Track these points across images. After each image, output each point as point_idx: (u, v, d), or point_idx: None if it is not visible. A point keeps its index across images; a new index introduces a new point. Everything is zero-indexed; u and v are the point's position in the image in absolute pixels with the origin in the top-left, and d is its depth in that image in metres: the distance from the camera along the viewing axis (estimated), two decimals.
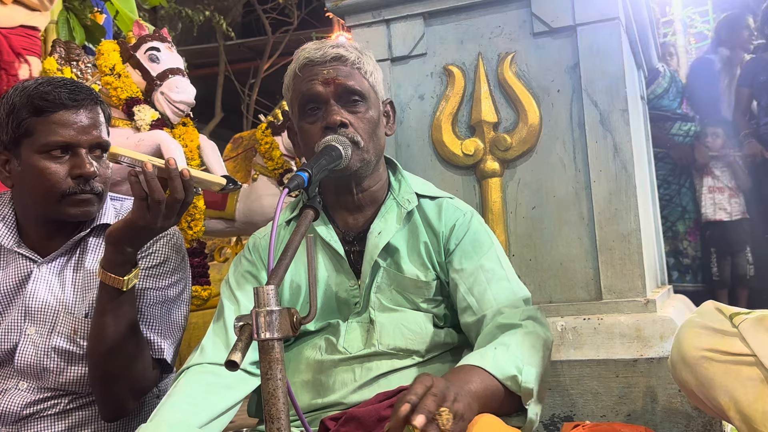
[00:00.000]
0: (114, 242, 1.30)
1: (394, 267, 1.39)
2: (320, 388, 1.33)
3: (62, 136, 1.37)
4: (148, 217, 1.25)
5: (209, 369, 1.30)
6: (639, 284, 1.75)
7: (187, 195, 1.26)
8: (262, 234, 1.48)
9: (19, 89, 1.41)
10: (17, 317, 1.43)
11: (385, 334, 1.34)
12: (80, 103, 1.39)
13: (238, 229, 4.45)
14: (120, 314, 1.34)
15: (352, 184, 1.39)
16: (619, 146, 1.78)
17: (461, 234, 1.40)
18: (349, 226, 1.43)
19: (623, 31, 1.87)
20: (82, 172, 1.37)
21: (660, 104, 4.11)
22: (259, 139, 4.39)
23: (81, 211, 1.41)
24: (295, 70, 1.39)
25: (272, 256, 1.06)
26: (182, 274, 1.51)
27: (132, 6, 3.90)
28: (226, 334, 1.34)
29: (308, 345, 1.39)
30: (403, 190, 1.44)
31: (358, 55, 1.39)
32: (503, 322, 1.28)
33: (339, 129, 1.33)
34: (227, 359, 0.89)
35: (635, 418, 1.62)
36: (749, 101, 4.14)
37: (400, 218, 1.40)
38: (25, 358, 1.41)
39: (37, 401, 1.41)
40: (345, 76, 1.35)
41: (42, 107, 1.37)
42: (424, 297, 1.38)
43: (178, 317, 1.50)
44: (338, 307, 1.40)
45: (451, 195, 1.49)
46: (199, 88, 3.55)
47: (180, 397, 1.24)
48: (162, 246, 1.47)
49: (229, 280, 1.44)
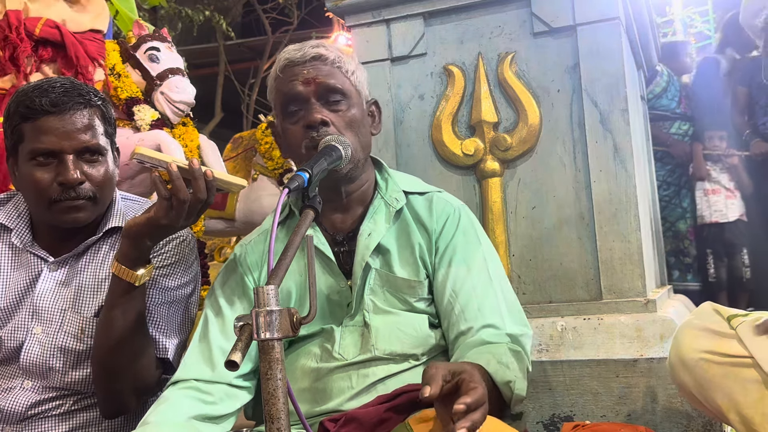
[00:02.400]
0: (132, 236, 1.30)
1: (385, 268, 1.37)
2: (317, 396, 1.32)
3: (43, 142, 1.37)
4: (171, 215, 1.26)
5: (194, 385, 1.29)
6: (639, 284, 1.75)
7: (209, 195, 1.27)
8: (249, 240, 1.47)
9: (17, 94, 1.41)
10: (25, 316, 1.44)
11: (381, 339, 1.33)
12: (63, 108, 1.37)
13: (238, 229, 4.45)
14: (129, 309, 1.34)
15: (341, 185, 1.38)
16: (619, 146, 1.78)
17: (450, 233, 1.39)
18: (337, 227, 1.42)
19: (623, 31, 1.87)
20: (64, 179, 1.37)
21: (659, 104, 4.11)
22: (259, 139, 4.38)
23: (71, 218, 1.40)
24: (276, 72, 1.39)
25: (272, 256, 1.06)
26: (193, 277, 1.51)
27: (132, 6, 3.89)
28: (210, 349, 1.33)
29: (303, 352, 1.37)
30: (391, 188, 1.43)
31: (339, 55, 1.38)
32: (487, 339, 1.27)
33: (320, 128, 1.32)
34: (227, 359, 0.89)
35: (635, 418, 1.62)
36: (747, 101, 4.13)
37: (390, 218, 1.39)
38: (31, 357, 1.41)
39: (42, 401, 1.42)
40: (325, 75, 1.35)
41: (27, 114, 1.37)
42: (418, 296, 1.37)
43: (184, 319, 1.50)
44: (331, 310, 1.38)
45: (439, 189, 1.48)
46: (199, 88, 3.55)
47: (167, 405, 1.25)
48: (175, 247, 1.48)
49: (216, 292, 1.41)
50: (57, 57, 2.71)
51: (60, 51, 2.71)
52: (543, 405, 1.69)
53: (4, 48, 2.58)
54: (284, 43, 9.67)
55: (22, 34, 2.59)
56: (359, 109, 1.40)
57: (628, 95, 1.80)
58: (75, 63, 2.70)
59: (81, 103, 1.40)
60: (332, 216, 1.42)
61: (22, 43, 2.58)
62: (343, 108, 1.36)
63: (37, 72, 2.66)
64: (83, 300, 1.45)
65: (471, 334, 1.29)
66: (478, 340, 1.27)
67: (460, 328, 1.31)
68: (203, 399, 1.28)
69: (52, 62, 2.71)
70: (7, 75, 2.63)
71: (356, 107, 1.39)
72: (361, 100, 1.41)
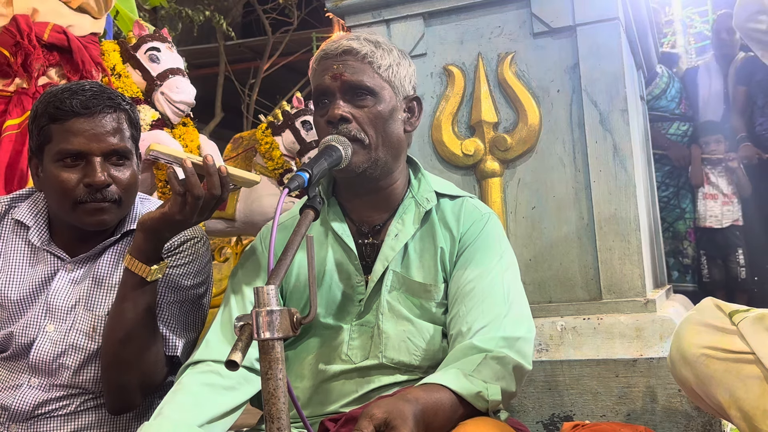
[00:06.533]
0: (146, 231, 1.31)
1: (403, 270, 1.36)
2: (321, 398, 1.33)
3: (73, 144, 1.38)
4: (186, 211, 1.26)
5: (214, 368, 1.29)
6: (639, 284, 1.75)
7: (223, 191, 1.28)
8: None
9: (44, 95, 1.43)
10: (38, 314, 1.44)
11: (390, 347, 1.32)
12: (93, 110, 1.39)
13: (238, 229, 4.45)
14: (140, 303, 1.35)
15: (365, 183, 1.37)
16: (619, 146, 1.78)
17: (472, 237, 1.37)
18: (364, 219, 1.40)
19: (623, 31, 1.87)
20: (91, 181, 1.38)
21: (657, 105, 4.11)
22: (259, 139, 4.39)
23: (95, 220, 1.41)
24: (313, 63, 1.39)
25: (272, 256, 1.06)
26: (206, 277, 1.52)
27: (132, 6, 3.89)
28: (232, 327, 1.32)
29: (311, 350, 1.37)
30: (423, 188, 1.41)
31: (372, 49, 1.35)
32: (477, 344, 1.25)
33: (340, 124, 1.31)
34: (227, 359, 0.89)
35: (635, 418, 1.62)
36: (746, 100, 4.14)
37: (418, 218, 1.37)
38: (41, 355, 1.42)
39: (49, 401, 1.42)
40: (352, 71, 1.33)
41: (56, 115, 1.38)
42: (434, 300, 1.35)
43: (195, 319, 1.51)
44: (342, 305, 1.38)
45: (472, 194, 1.45)
46: (199, 88, 3.55)
47: (183, 396, 1.24)
48: (189, 247, 1.49)
49: (238, 271, 1.42)
50: (62, 61, 2.74)
51: (65, 55, 2.74)
52: (543, 405, 1.69)
53: (16, 53, 2.60)
54: (284, 43, 9.69)
55: (34, 41, 2.62)
56: (389, 105, 1.35)
57: (627, 95, 1.80)
58: (81, 68, 2.73)
59: (110, 107, 1.41)
60: (361, 209, 1.41)
61: (35, 50, 2.61)
62: (369, 104, 1.33)
63: (43, 76, 2.68)
64: (97, 299, 1.46)
65: (465, 337, 1.27)
66: (467, 345, 1.25)
67: (458, 329, 1.30)
68: (222, 384, 1.27)
69: (58, 66, 2.74)
70: (15, 79, 2.65)
71: (385, 103, 1.34)
72: (394, 96, 1.36)
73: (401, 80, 1.38)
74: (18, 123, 2.57)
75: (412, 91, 1.42)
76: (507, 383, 1.22)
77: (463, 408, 1.15)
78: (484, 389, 1.17)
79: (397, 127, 1.37)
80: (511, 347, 1.25)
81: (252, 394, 1.33)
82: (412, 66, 1.43)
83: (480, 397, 1.16)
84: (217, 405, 1.26)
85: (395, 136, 1.36)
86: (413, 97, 1.42)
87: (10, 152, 2.55)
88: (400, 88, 1.38)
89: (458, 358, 1.23)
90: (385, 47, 1.37)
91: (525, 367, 1.27)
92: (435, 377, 1.18)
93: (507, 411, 1.33)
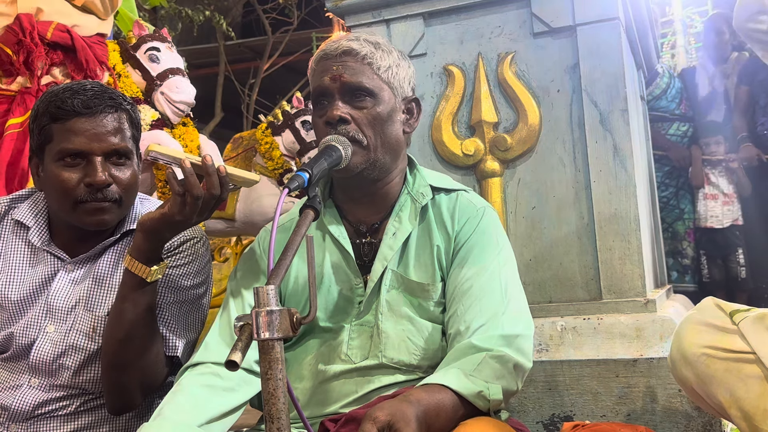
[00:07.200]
0: (146, 231, 1.31)
1: (401, 270, 1.36)
2: (321, 399, 1.33)
3: (74, 143, 1.38)
4: (185, 212, 1.27)
5: (213, 369, 1.29)
6: (639, 284, 1.75)
7: (222, 191, 1.28)
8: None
9: (46, 94, 1.43)
10: (38, 314, 1.44)
11: (390, 347, 1.32)
12: (94, 110, 1.39)
13: (238, 229, 4.45)
14: (140, 303, 1.35)
15: (362, 184, 1.37)
16: (619, 146, 1.78)
17: (468, 234, 1.36)
18: (361, 219, 1.40)
19: (623, 31, 1.87)
20: (92, 181, 1.38)
21: (657, 105, 4.11)
22: (259, 139, 4.39)
23: (96, 220, 1.41)
24: (312, 63, 1.39)
25: (272, 256, 1.06)
26: (205, 278, 1.52)
27: (132, 6, 3.89)
28: (230, 330, 1.33)
29: (310, 351, 1.37)
30: (418, 183, 1.41)
31: (372, 50, 1.34)
32: (475, 344, 1.24)
33: (338, 125, 1.31)
34: (227, 359, 0.89)
35: (635, 418, 1.62)
36: (749, 100, 4.13)
37: (415, 214, 1.37)
38: (41, 355, 1.42)
39: (49, 401, 1.42)
40: (351, 73, 1.33)
41: (57, 114, 1.38)
42: (432, 299, 1.35)
43: (196, 319, 1.51)
44: (341, 306, 1.38)
45: (466, 188, 1.45)
46: (199, 88, 3.55)
47: (183, 397, 1.24)
48: (189, 248, 1.49)
49: (237, 273, 1.43)
50: (66, 60, 2.75)
51: (69, 54, 2.75)
52: (543, 405, 1.69)
53: (18, 51, 2.61)
54: (284, 43, 9.69)
55: (36, 39, 2.63)
56: (388, 107, 1.35)
57: (627, 95, 1.80)
58: (84, 67, 2.74)
59: (112, 106, 1.42)
60: (358, 209, 1.41)
61: (36, 48, 2.61)
62: (368, 105, 1.33)
63: (47, 75, 2.69)
64: (97, 300, 1.46)
65: (464, 336, 1.27)
66: (466, 344, 1.25)
67: (456, 328, 1.30)
68: (221, 386, 1.28)
69: (62, 65, 2.75)
70: (17, 77, 2.66)
71: (384, 104, 1.34)
72: (393, 97, 1.36)
73: (400, 81, 1.38)
74: (21, 122, 2.58)
75: (411, 92, 1.42)
76: (508, 382, 1.22)
77: (464, 408, 1.15)
78: (485, 389, 1.17)
79: (396, 129, 1.37)
80: (510, 345, 1.25)
81: (251, 395, 1.33)
82: (412, 67, 1.43)
83: (481, 397, 1.16)
84: (216, 406, 1.26)
85: (394, 137, 1.36)
86: (412, 99, 1.42)
87: (12, 151, 2.56)
88: (399, 90, 1.38)
89: (458, 358, 1.23)
90: (385, 48, 1.37)
91: (525, 364, 1.27)
92: (436, 377, 1.18)
93: (507, 411, 1.33)
